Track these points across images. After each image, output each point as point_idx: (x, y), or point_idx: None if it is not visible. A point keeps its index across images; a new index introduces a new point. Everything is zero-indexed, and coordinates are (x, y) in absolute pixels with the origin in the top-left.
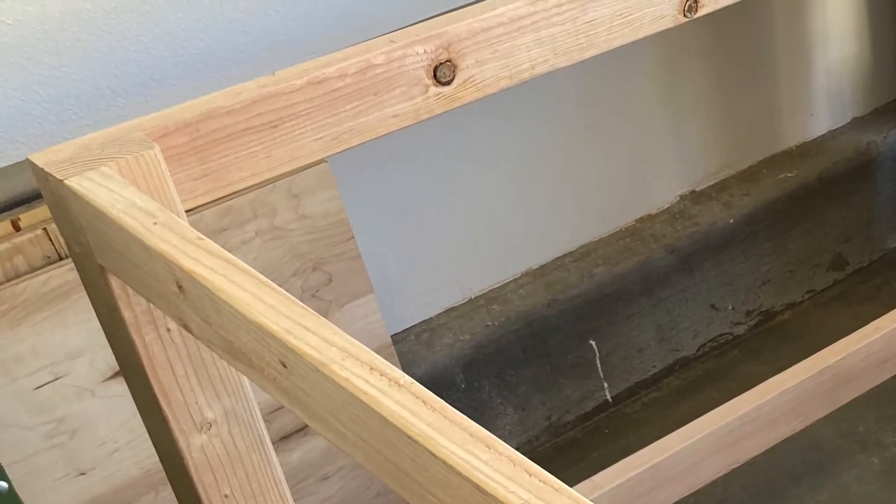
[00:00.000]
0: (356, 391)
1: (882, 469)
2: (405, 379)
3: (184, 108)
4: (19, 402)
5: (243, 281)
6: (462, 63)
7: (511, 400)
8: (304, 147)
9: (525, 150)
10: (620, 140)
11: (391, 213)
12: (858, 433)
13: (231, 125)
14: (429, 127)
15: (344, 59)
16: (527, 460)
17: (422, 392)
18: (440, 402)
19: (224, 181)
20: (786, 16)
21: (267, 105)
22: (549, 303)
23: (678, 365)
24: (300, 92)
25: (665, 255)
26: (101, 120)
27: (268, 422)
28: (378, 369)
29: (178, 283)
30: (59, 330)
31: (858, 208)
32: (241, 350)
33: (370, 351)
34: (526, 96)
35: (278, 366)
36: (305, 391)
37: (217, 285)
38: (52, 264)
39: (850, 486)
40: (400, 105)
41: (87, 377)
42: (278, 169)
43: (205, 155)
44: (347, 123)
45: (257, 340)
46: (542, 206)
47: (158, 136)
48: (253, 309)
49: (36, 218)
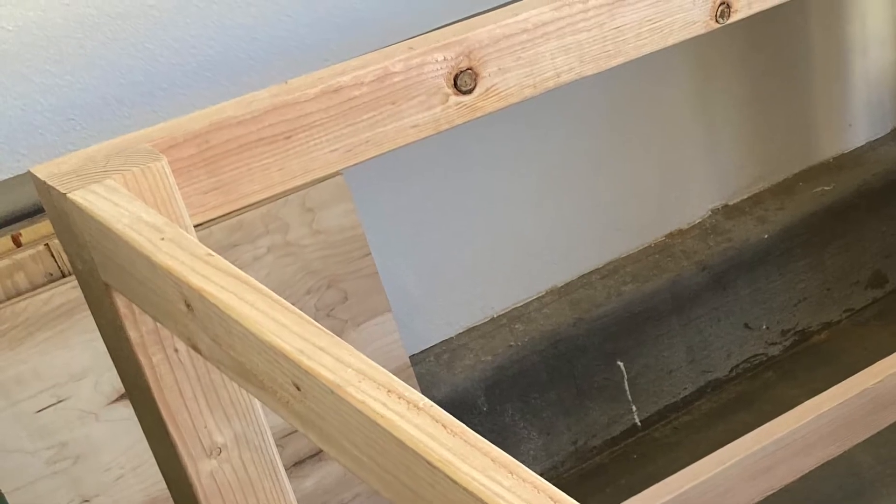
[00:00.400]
0: (373, 414)
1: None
2: (424, 402)
3: (192, 118)
4: (20, 425)
5: (255, 299)
6: (484, 71)
7: (535, 424)
8: (318, 159)
9: (550, 161)
10: (650, 151)
11: (409, 227)
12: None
13: (242, 136)
14: (449, 137)
15: (360, 67)
16: (551, 487)
17: (442, 415)
18: (461, 425)
19: (235, 195)
20: (822, 21)
21: (279, 115)
22: (575, 322)
23: (710, 387)
24: (314, 101)
25: (696, 273)
26: (105, 130)
27: (280, 446)
28: (396, 392)
29: (186, 301)
30: (61, 351)
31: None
32: (252, 371)
33: (387, 372)
34: (551, 105)
35: (291, 388)
36: (320, 414)
37: (227, 304)
38: (54, 282)
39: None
40: (419, 115)
41: (91, 400)
42: (291, 182)
43: (214, 167)
44: (364, 134)
45: (269, 361)
46: (568, 221)
47: (166, 148)
48: (265, 328)
49: (38, 233)
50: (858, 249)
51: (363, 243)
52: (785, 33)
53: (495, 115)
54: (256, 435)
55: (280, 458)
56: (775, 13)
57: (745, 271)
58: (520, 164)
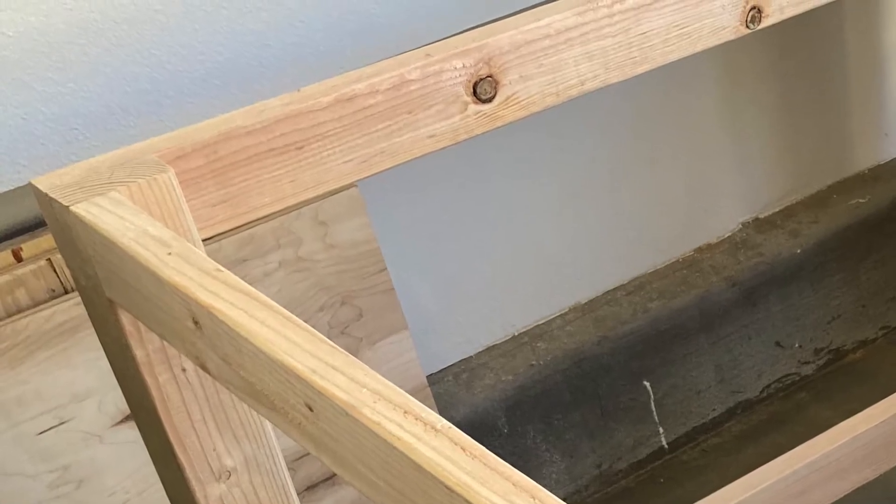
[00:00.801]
0: (389, 437)
1: None
2: (442, 423)
3: (200, 127)
4: (21, 448)
5: (266, 316)
6: (504, 78)
7: (558, 446)
8: (331, 170)
9: (573, 172)
10: (677, 162)
11: (426, 241)
12: None
13: (252, 146)
14: (467, 147)
15: (375, 75)
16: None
17: (460, 438)
18: (480, 448)
19: (245, 207)
20: (857, 26)
21: (291, 124)
22: (600, 340)
23: (740, 408)
24: (328, 110)
25: (726, 289)
26: (110, 140)
27: (292, 470)
28: (413, 413)
29: (194, 318)
30: (64, 370)
31: None
32: (263, 392)
33: (404, 393)
34: (574, 115)
35: (304, 409)
36: (333, 436)
37: (237, 321)
38: (56, 298)
39: None
40: (436, 124)
41: (94, 421)
42: (304, 194)
43: (223, 179)
44: (379, 144)
45: (281, 381)
46: (592, 234)
47: (173, 159)
48: (276, 347)
49: (39, 248)
50: (895, 264)
51: (378, 258)
52: (818, 38)
53: (516, 124)
54: (267, 458)
55: (292, 482)
56: (808, 17)
57: (777, 287)
58: (541, 175)
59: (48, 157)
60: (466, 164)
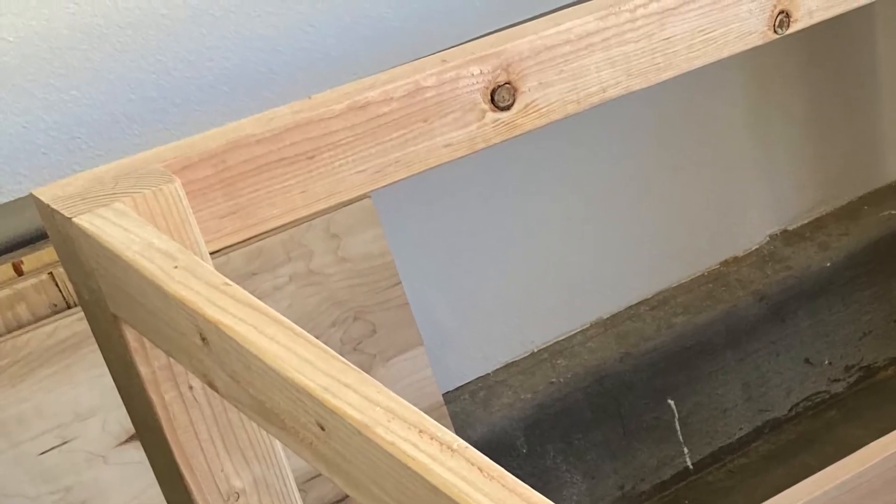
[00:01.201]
0: (403, 457)
1: None
2: (459, 443)
3: (208, 136)
4: (22, 469)
5: (276, 332)
6: (523, 85)
7: (579, 467)
8: (344, 180)
9: (593, 182)
10: (702, 172)
11: (442, 254)
12: None
13: (262, 156)
14: (484, 157)
15: (390, 82)
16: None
17: (478, 458)
18: (498, 469)
19: (254, 219)
20: (889, 30)
21: (302, 133)
22: (622, 357)
23: (768, 427)
24: (340, 118)
25: (753, 303)
26: (114, 150)
27: (303, 491)
28: (428, 432)
29: (201, 334)
30: (66, 388)
31: None
32: (272, 410)
33: (419, 411)
34: (595, 123)
35: (315, 428)
36: (346, 457)
37: (246, 337)
38: (58, 313)
39: None
40: (453, 133)
41: (98, 441)
42: (315, 205)
43: (232, 190)
44: (393, 154)
45: (291, 399)
46: (614, 247)
47: (179, 169)
48: (286, 364)
49: (41, 261)
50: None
51: (392, 271)
52: (848, 44)
53: (536, 132)
54: (277, 479)
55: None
56: (838, 22)
57: (806, 302)
58: (561, 186)
59: (50, 166)
60: (484, 174)
